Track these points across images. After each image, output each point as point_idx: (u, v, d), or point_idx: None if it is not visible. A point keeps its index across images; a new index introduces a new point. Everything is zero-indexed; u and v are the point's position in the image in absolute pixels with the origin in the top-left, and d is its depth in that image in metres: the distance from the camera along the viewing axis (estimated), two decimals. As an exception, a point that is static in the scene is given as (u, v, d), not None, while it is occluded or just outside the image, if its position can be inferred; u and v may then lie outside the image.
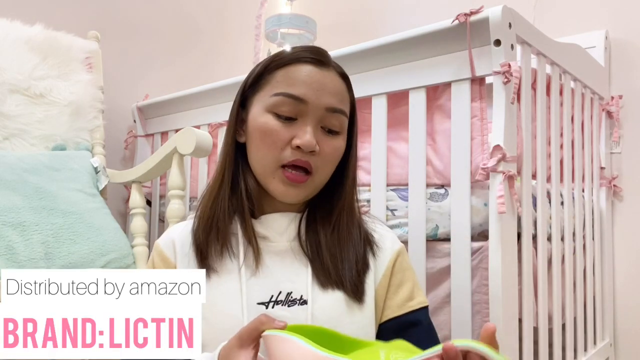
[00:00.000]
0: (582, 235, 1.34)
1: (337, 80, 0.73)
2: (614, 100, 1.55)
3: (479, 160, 1.00)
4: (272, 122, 0.69)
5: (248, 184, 0.73)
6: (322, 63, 0.72)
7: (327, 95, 0.70)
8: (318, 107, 0.69)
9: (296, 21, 2.14)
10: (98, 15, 1.89)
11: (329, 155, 0.71)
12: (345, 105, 0.73)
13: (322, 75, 0.71)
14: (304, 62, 0.71)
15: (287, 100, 0.69)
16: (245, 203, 0.72)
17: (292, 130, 0.69)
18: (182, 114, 1.77)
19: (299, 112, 0.69)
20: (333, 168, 0.73)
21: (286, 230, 0.74)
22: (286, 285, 0.70)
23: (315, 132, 0.69)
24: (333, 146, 0.71)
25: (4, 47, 1.39)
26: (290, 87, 0.69)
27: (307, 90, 0.69)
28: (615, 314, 1.54)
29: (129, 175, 1.44)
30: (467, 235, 1.00)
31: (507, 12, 0.96)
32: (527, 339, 1.02)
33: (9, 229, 1.08)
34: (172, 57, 2.13)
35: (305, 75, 0.70)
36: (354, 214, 0.75)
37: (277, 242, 0.73)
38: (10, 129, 1.34)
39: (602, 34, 1.56)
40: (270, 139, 0.69)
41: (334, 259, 0.71)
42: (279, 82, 0.70)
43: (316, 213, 0.74)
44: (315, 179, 0.71)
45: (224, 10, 2.36)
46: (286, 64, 0.71)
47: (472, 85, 1.02)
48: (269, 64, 0.73)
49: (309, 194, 0.72)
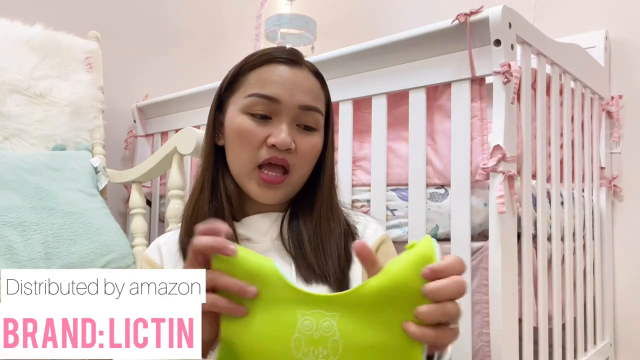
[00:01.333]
0: (582, 235, 1.34)
1: (310, 78, 0.73)
2: (614, 100, 1.55)
3: (479, 160, 1.00)
4: (247, 123, 0.71)
5: (228, 187, 0.74)
6: (294, 62, 0.73)
7: (301, 93, 0.71)
8: (292, 106, 0.70)
9: (296, 21, 2.14)
10: (98, 15, 1.89)
11: (306, 152, 0.72)
12: (319, 102, 0.74)
13: (294, 74, 0.72)
14: (276, 62, 0.72)
15: (261, 101, 0.70)
16: (225, 206, 0.73)
17: (267, 129, 0.70)
18: (182, 114, 1.77)
19: (273, 111, 0.70)
20: (311, 165, 0.74)
21: (269, 230, 0.75)
22: None
23: (290, 130, 0.70)
24: (309, 143, 0.72)
25: (4, 47, 1.39)
26: (263, 88, 0.70)
27: (280, 90, 0.70)
28: (615, 314, 1.54)
29: (129, 175, 1.44)
30: (467, 235, 1.00)
31: (507, 12, 0.96)
32: (527, 339, 1.02)
33: (9, 229, 1.08)
34: (172, 57, 2.13)
35: (278, 75, 0.71)
36: (335, 209, 0.76)
37: (260, 242, 0.74)
38: (10, 129, 1.34)
39: (602, 34, 1.56)
40: (246, 138, 0.71)
41: (316, 254, 0.71)
42: (252, 84, 0.72)
43: (298, 211, 0.75)
44: (292, 178, 0.72)
45: (224, 10, 2.36)
46: (258, 65, 0.72)
47: (472, 85, 1.02)
48: (242, 67, 0.74)
49: (287, 194, 0.73)
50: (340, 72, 1.22)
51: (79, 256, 1.15)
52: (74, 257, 1.14)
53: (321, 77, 0.76)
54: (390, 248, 0.79)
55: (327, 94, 0.77)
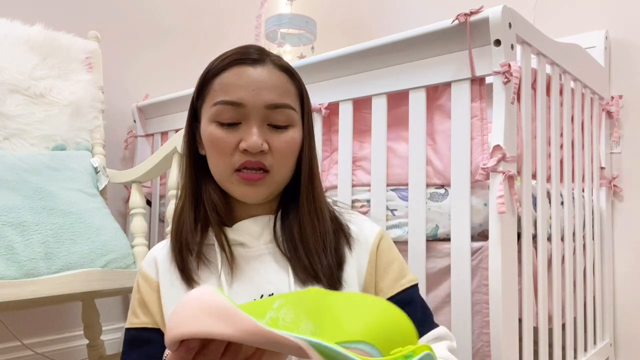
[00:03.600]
0: (582, 235, 1.34)
1: (275, 74, 0.71)
2: (614, 100, 1.55)
3: (479, 160, 1.00)
4: (217, 131, 0.70)
5: (211, 196, 0.73)
6: (256, 61, 0.71)
7: (265, 92, 0.69)
8: (258, 107, 0.69)
9: (296, 21, 2.14)
10: (98, 15, 1.89)
11: (282, 150, 0.70)
12: (288, 97, 0.72)
13: (257, 73, 0.70)
14: (237, 64, 0.71)
15: (227, 108, 0.69)
16: (211, 215, 0.72)
17: (238, 134, 0.70)
18: (182, 114, 1.77)
19: (241, 116, 0.70)
20: (291, 161, 0.73)
21: (262, 234, 0.74)
22: (267, 288, 0.70)
23: (262, 131, 0.69)
24: (284, 140, 0.71)
25: (4, 47, 1.39)
26: (227, 94, 0.69)
27: (243, 93, 0.69)
28: (615, 314, 1.54)
29: (129, 175, 1.44)
30: (467, 235, 1.00)
31: (507, 12, 0.96)
32: (527, 339, 1.02)
33: (9, 229, 1.08)
34: (172, 57, 2.13)
35: (239, 78, 0.70)
36: (318, 205, 0.74)
37: (254, 246, 0.73)
38: (10, 129, 1.34)
39: (602, 34, 1.56)
40: (218, 147, 0.70)
41: (307, 254, 0.71)
42: (217, 91, 0.71)
43: (289, 212, 0.74)
44: (273, 176, 0.71)
45: (224, 10, 2.36)
46: (221, 71, 0.71)
47: (472, 85, 1.02)
48: (206, 74, 0.73)
49: (270, 191, 0.72)
50: (340, 72, 1.22)
51: (79, 256, 1.15)
52: (74, 257, 1.14)
53: (289, 70, 0.73)
54: (388, 241, 0.78)
55: (298, 86, 0.74)
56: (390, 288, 0.74)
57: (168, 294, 0.73)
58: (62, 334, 1.76)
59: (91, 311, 1.52)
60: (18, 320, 1.63)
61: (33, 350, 1.63)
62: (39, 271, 1.07)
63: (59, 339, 1.75)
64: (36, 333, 1.69)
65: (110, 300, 1.87)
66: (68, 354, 1.74)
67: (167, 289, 0.73)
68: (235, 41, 2.36)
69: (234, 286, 0.71)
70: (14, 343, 1.60)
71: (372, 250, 0.75)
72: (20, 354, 1.63)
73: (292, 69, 0.75)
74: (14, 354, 1.62)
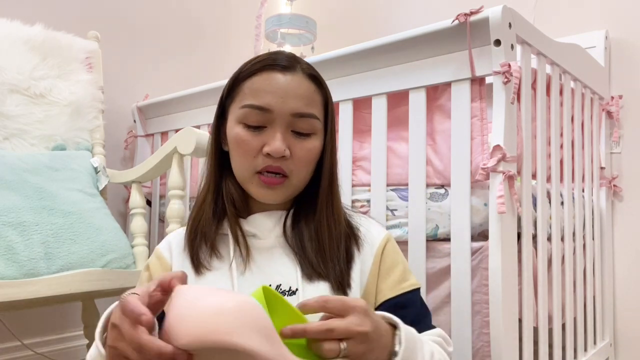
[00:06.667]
0: (582, 235, 1.34)
1: (303, 83, 0.74)
2: (614, 100, 1.55)
3: (479, 160, 1.00)
4: (243, 133, 0.73)
5: (230, 190, 0.77)
6: (286, 68, 0.73)
7: (292, 100, 0.72)
8: (284, 114, 0.72)
9: (296, 21, 2.14)
10: (98, 15, 1.89)
11: (302, 157, 0.73)
12: (313, 107, 0.74)
13: (287, 81, 0.73)
14: (268, 70, 0.73)
15: (254, 112, 0.72)
16: (228, 207, 0.76)
17: (262, 138, 0.72)
18: (182, 114, 1.77)
19: (267, 120, 0.72)
20: (310, 168, 0.76)
21: (274, 227, 0.77)
22: (276, 279, 0.73)
23: (285, 137, 0.72)
24: (305, 148, 0.74)
25: (4, 47, 1.39)
26: (255, 98, 0.72)
27: (271, 99, 0.71)
28: (615, 314, 1.54)
29: (129, 175, 1.44)
30: (467, 235, 1.00)
31: (507, 12, 0.96)
32: (527, 339, 1.02)
33: (9, 229, 1.08)
34: (172, 57, 2.13)
35: (269, 84, 0.72)
36: (335, 211, 0.77)
37: (266, 238, 0.76)
38: (10, 129, 1.34)
39: (602, 34, 1.56)
40: (242, 148, 0.73)
41: (317, 253, 0.74)
42: (246, 94, 0.73)
43: (301, 211, 0.78)
44: (292, 181, 0.74)
45: (224, 10, 2.36)
46: (251, 75, 0.74)
47: (472, 85, 1.02)
48: (238, 76, 0.76)
49: (288, 194, 0.76)
50: (340, 72, 1.22)
51: (79, 256, 1.15)
52: (74, 257, 1.14)
53: (317, 79, 0.76)
54: (394, 246, 0.81)
55: (325, 95, 0.77)
56: (391, 290, 0.75)
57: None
58: (62, 334, 1.76)
59: (91, 311, 1.52)
60: (18, 320, 1.63)
61: (33, 350, 1.63)
62: (39, 271, 1.07)
63: (59, 339, 1.75)
64: (36, 333, 1.69)
65: (110, 300, 1.87)
66: (68, 354, 1.74)
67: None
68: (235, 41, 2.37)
69: (243, 275, 0.73)
70: (14, 343, 1.60)
71: (378, 253, 0.77)
72: (20, 354, 1.63)
73: (321, 77, 0.77)
74: (14, 354, 1.62)
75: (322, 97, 0.77)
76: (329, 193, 0.77)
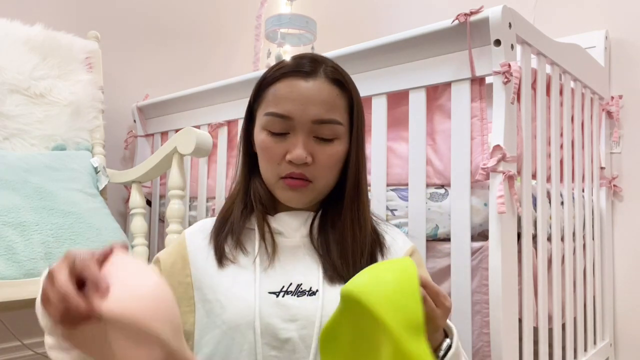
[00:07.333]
0: (582, 235, 1.34)
1: (325, 88, 0.74)
2: (614, 100, 1.55)
3: (479, 160, 1.00)
4: (267, 139, 0.75)
5: (259, 189, 0.79)
6: (308, 74, 0.74)
7: (313, 107, 0.72)
8: (305, 121, 0.73)
9: (296, 21, 2.14)
10: (98, 15, 1.89)
11: (325, 162, 0.74)
12: (335, 112, 0.74)
13: (307, 87, 0.73)
14: (290, 76, 0.74)
15: (276, 119, 0.73)
16: (256, 206, 0.78)
17: (285, 144, 0.74)
18: (182, 114, 1.77)
19: (289, 127, 0.73)
20: (334, 172, 0.76)
21: (300, 227, 0.78)
22: (297, 278, 0.73)
23: (307, 143, 0.73)
24: (327, 153, 0.74)
25: (4, 47, 1.39)
26: (277, 106, 0.73)
27: (292, 107, 0.72)
28: (615, 314, 1.54)
29: (129, 175, 1.44)
30: (467, 235, 1.00)
31: (507, 12, 0.96)
32: (527, 339, 1.02)
33: (9, 229, 1.08)
34: (172, 57, 2.13)
35: (290, 91, 0.73)
36: (362, 217, 0.77)
37: (291, 237, 0.77)
38: (10, 129, 1.34)
39: (602, 34, 1.56)
40: (267, 154, 0.75)
41: (340, 256, 0.74)
42: (269, 102, 0.75)
43: (328, 213, 0.79)
44: (316, 186, 0.75)
45: (224, 11, 2.36)
46: (275, 81, 0.75)
47: (472, 85, 1.02)
48: (262, 82, 0.78)
49: (313, 198, 0.76)
50: (340, 72, 1.21)
51: (79, 256, 1.15)
52: (74, 257, 1.14)
53: (341, 83, 0.76)
54: (419, 258, 0.82)
55: (349, 97, 0.77)
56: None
57: (199, 266, 0.77)
58: (62, 334, 1.75)
59: (91, 311, 1.52)
60: (18, 320, 1.63)
61: (33, 350, 1.63)
62: (39, 271, 1.07)
63: (59, 339, 1.74)
64: (36, 333, 1.69)
65: (110, 300, 1.87)
66: (68, 354, 1.74)
67: (199, 262, 0.77)
68: (236, 41, 2.37)
69: (266, 271, 0.74)
70: (14, 343, 1.60)
71: None
72: (20, 354, 1.63)
73: (345, 80, 0.77)
74: (14, 354, 1.62)
75: (345, 100, 0.76)
76: (354, 198, 0.77)
